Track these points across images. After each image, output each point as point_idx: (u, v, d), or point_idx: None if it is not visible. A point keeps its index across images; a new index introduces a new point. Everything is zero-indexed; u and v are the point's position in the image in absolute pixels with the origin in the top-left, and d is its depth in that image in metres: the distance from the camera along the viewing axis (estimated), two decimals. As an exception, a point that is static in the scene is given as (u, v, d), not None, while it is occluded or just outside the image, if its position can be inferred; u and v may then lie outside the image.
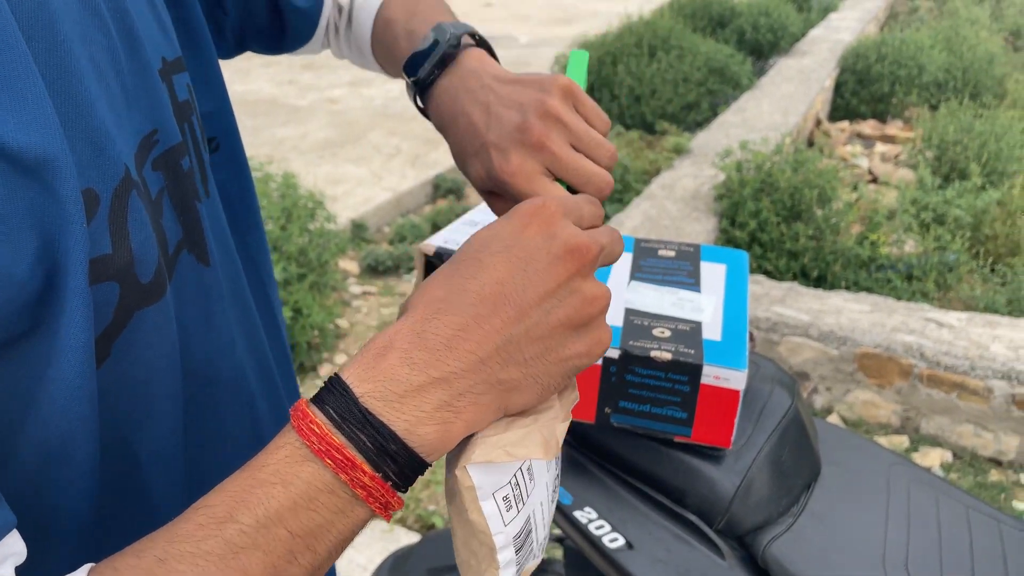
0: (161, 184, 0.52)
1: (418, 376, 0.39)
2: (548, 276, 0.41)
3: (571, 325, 0.42)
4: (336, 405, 0.38)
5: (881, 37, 6.10)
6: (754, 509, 0.78)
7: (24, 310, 0.39)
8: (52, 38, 0.42)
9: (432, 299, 0.41)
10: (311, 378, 2.83)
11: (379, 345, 0.40)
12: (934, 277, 3.18)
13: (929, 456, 2.40)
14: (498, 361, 0.40)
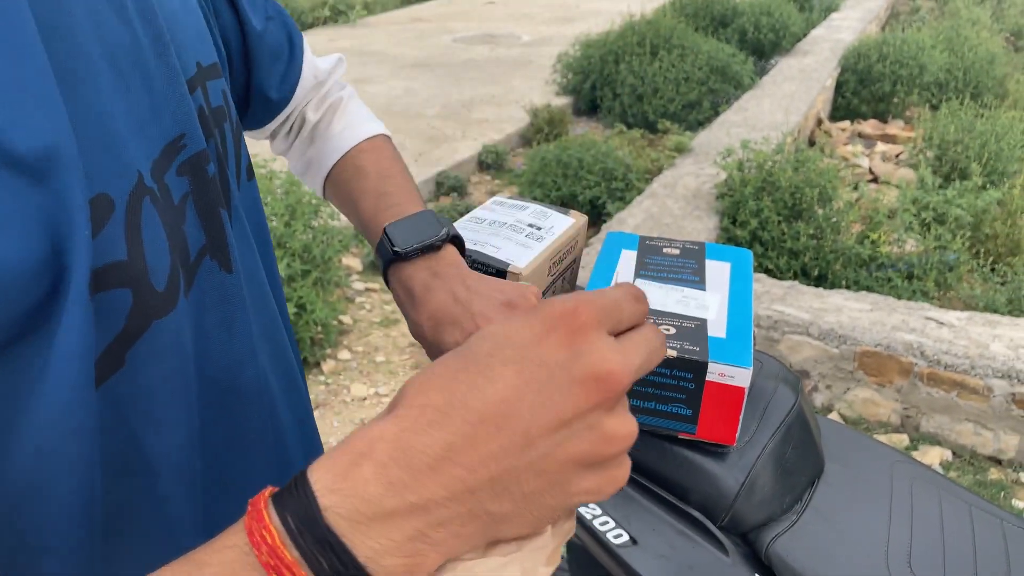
0: (186, 189, 0.52)
1: (393, 499, 0.33)
2: (565, 403, 0.34)
3: (584, 463, 0.35)
4: (296, 512, 0.33)
5: (882, 37, 6.10)
6: (758, 506, 0.79)
7: (26, 313, 0.38)
8: (72, 42, 0.43)
9: (426, 405, 0.34)
10: (314, 374, 2.84)
11: (357, 448, 0.34)
12: (934, 276, 3.19)
13: (929, 454, 2.40)
14: (490, 492, 0.34)
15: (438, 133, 5.10)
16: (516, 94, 6.03)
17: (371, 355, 2.97)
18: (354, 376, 2.85)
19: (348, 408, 2.68)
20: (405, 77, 6.63)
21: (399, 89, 6.26)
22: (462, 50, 7.72)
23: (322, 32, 8.54)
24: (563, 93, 6.04)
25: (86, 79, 0.43)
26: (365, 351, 3.00)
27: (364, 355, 2.97)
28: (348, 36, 8.32)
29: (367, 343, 3.05)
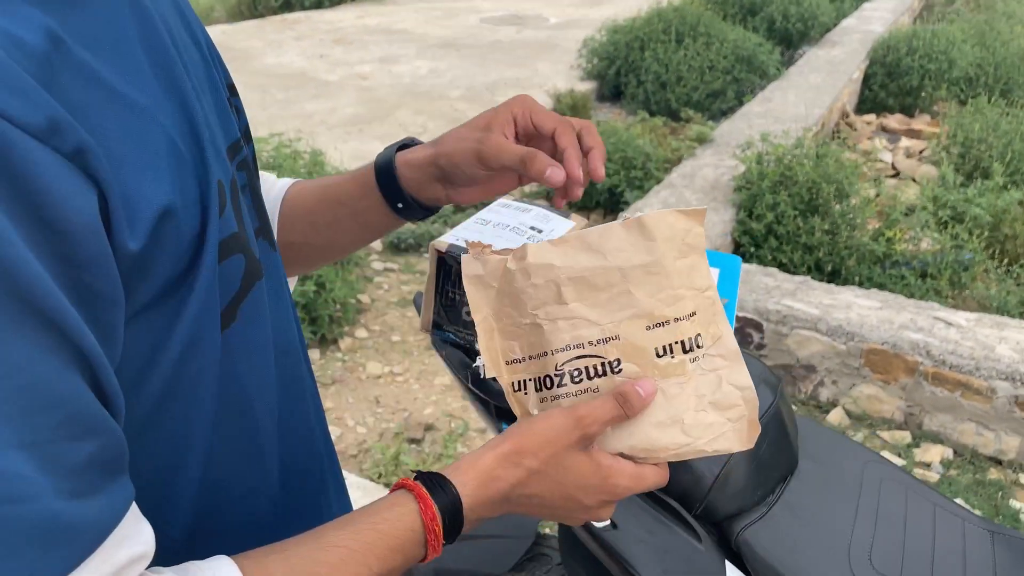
0: (244, 181, 0.63)
1: (487, 517, 0.61)
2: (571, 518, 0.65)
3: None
4: (451, 517, 0.58)
5: (912, 30, 6.04)
6: (731, 498, 0.85)
7: (180, 273, 0.49)
8: (170, 59, 0.53)
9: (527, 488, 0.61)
10: (331, 351, 2.92)
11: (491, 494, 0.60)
12: (948, 276, 3.21)
13: (930, 452, 2.45)
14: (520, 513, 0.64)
15: (461, 116, 5.15)
16: (540, 78, 6.06)
17: (387, 334, 3.05)
18: (370, 354, 2.93)
19: (363, 385, 2.76)
20: (431, 57, 6.67)
21: (424, 69, 6.30)
22: (489, 31, 7.74)
23: (351, 9, 8.59)
24: (587, 78, 6.05)
25: (185, 87, 0.53)
26: (381, 330, 3.08)
27: (380, 334, 3.05)
28: (376, 13, 8.36)
29: (383, 322, 3.12)
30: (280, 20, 7.95)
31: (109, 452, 0.43)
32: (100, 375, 0.43)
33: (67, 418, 0.40)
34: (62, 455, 0.40)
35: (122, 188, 0.44)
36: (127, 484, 0.45)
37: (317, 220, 0.86)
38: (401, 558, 0.56)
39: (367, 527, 0.55)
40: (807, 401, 2.68)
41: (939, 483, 2.36)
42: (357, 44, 7.04)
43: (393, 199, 0.80)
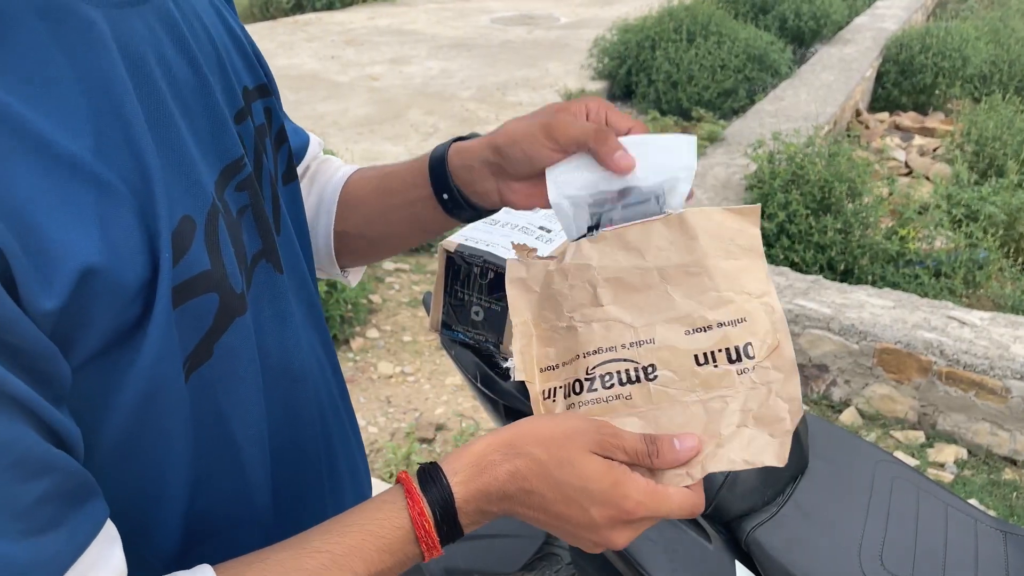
0: (245, 203, 0.61)
1: (488, 514, 0.57)
2: (581, 538, 0.58)
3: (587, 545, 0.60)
4: (443, 512, 0.55)
5: (926, 27, 6.01)
6: (740, 498, 0.84)
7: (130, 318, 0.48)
8: (151, 84, 0.51)
9: (527, 482, 0.56)
10: (343, 351, 2.93)
11: (484, 483, 0.56)
12: (963, 274, 3.19)
13: (944, 452, 2.43)
14: (528, 520, 0.59)
15: (472, 116, 5.16)
16: (551, 78, 6.06)
17: (398, 334, 3.06)
18: (381, 354, 2.94)
19: (375, 385, 2.77)
20: (442, 57, 6.68)
21: (435, 70, 6.32)
22: (500, 31, 7.74)
23: (362, 10, 8.61)
24: (598, 78, 6.05)
25: (165, 115, 0.51)
26: (393, 330, 3.08)
27: (392, 334, 3.06)
28: (387, 14, 8.38)
29: (395, 322, 3.13)
30: (292, 22, 7.98)
31: (67, 484, 0.43)
32: (43, 415, 0.43)
33: (12, 463, 0.40)
34: (10, 498, 0.40)
35: (35, 246, 0.42)
36: (95, 511, 0.45)
37: (370, 211, 0.82)
38: (392, 559, 0.54)
39: (355, 528, 0.53)
40: (819, 401, 2.67)
41: (953, 483, 2.35)
42: (368, 45, 7.06)
43: (440, 190, 0.75)
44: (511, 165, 0.69)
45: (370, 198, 0.82)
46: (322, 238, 0.85)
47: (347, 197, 0.84)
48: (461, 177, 0.74)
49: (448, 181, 0.75)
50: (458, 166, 0.74)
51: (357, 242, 0.84)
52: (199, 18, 0.60)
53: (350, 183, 0.85)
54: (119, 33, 0.49)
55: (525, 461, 0.55)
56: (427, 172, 0.76)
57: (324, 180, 0.86)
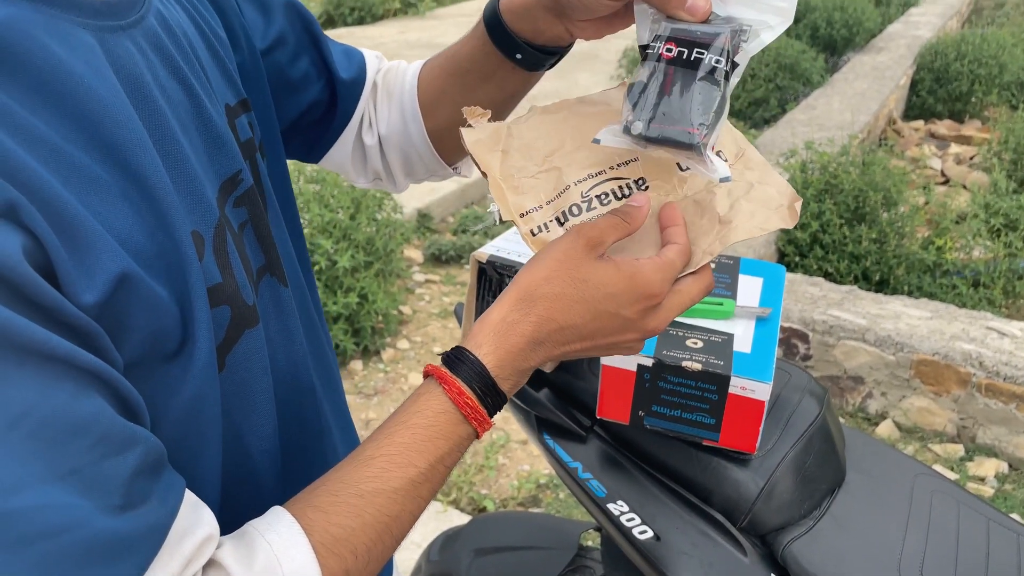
0: (244, 217, 0.61)
1: (525, 371, 0.58)
2: (625, 336, 0.59)
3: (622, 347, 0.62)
4: (481, 385, 0.55)
5: (961, 34, 5.92)
6: (776, 510, 0.83)
7: (172, 334, 0.49)
8: (152, 104, 0.52)
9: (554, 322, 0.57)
10: (374, 362, 2.95)
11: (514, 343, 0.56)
12: (1002, 285, 3.12)
13: (984, 466, 2.38)
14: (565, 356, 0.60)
15: (502, 127, 5.17)
16: (580, 89, 6.06)
17: (428, 345, 3.07)
18: (412, 365, 2.95)
19: (405, 395, 2.78)
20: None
21: (466, 82, 6.35)
22: (530, 43, 7.77)
23: (393, 24, 8.70)
24: (628, 88, 6.03)
25: (167, 133, 0.52)
26: (423, 341, 3.09)
27: (422, 345, 3.07)
28: (417, 28, 8.45)
29: (425, 333, 3.14)
30: (324, 36, 8.10)
31: (151, 457, 0.45)
32: (117, 386, 0.44)
33: (99, 438, 0.42)
34: (105, 474, 0.41)
35: (74, 241, 0.43)
36: (174, 478, 0.47)
37: (454, 98, 0.79)
38: (447, 443, 0.54)
39: (399, 428, 0.54)
40: (855, 413, 2.63)
41: (994, 497, 2.29)
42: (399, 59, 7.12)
43: (510, 51, 0.72)
44: (574, 13, 0.67)
45: (448, 86, 0.80)
46: (420, 144, 0.83)
47: (425, 96, 0.82)
48: (525, 31, 0.71)
49: (514, 41, 0.71)
50: (517, 21, 0.71)
51: (455, 133, 0.81)
52: (184, 34, 0.60)
53: (422, 82, 0.82)
54: (114, 56, 0.50)
55: (544, 304, 0.56)
56: (489, 38, 0.73)
57: (398, 90, 0.84)
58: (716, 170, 0.59)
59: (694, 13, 0.58)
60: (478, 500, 2.26)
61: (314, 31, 0.80)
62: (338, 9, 8.60)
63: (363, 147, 0.86)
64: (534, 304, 0.56)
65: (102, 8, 0.51)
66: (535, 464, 2.42)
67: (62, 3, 0.48)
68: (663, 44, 0.58)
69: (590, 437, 0.94)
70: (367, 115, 0.85)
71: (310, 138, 0.84)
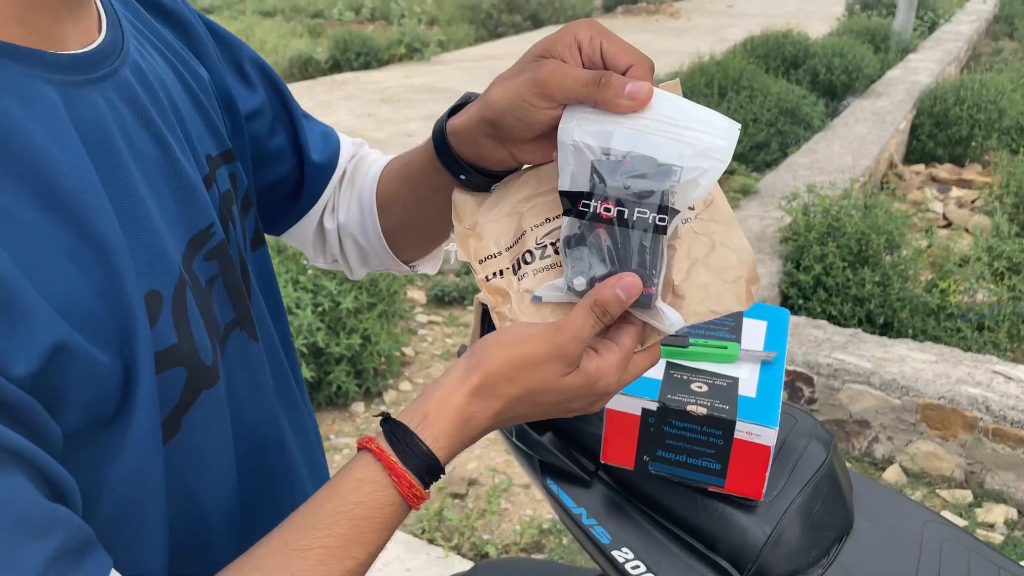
0: (214, 272, 0.60)
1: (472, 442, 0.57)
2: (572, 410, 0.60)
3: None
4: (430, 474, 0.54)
5: (960, 80, 5.99)
6: (783, 558, 0.82)
7: (110, 400, 0.48)
8: (116, 159, 0.51)
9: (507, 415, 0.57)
10: (376, 403, 2.93)
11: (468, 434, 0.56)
12: (1007, 328, 3.11)
13: (993, 512, 2.34)
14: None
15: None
16: (584, 132, 6.12)
17: (432, 387, 3.05)
18: (415, 407, 2.93)
19: (408, 439, 2.76)
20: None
21: (470, 126, 6.42)
22: (533, 88, 7.87)
23: (398, 69, 8.83)
24: (631, 132, 6.09)
25: (129, 189, 0.51)
26: (425, 383, 3.08)
27: (424, 386, 3.06)
28: (423, 73, 8.58)
29: (428, 375, 3.13)
30: (330, 81, 8.20)
31: (74, 540, 0.43)
32: (43, 467, 0.42)
33: (16, 520, 0.40)
34: (21, 558, 0.39)
35: (8, 310, 0.42)
36: (100, 559, 0.45)
37: (405, 203, 0.79)
38: (388, 532, 0.53)
39: (339, 517, 0.51)
40: (862, 458, 2.60)
41: (1003, 544, 2.26)
42: (404, 103, 7.21)
43: (456, 171, 0.68)
44: (510, 133, 0.62)
45: (402, 191, 0.79)
46: (374, 239, 0.83)
47: (382, 194, 0.81)
48: (470, 155, 0.67)
49: (459, 162, 0.68)
50: (460, 145, 0.67)
51: (407, 234, 0.81)
52: (163, 85, 0.60)
53: (382, 179, 0.82)
54: (78, 111, 0.50)
55: (502, 402, 0.56)
56: (436, 159, 0.70)
57: (360, 183, 0.84)
58: (669, 321, 0.57)
59: (636, 99, 0.55)
60: (480, 546, 2.23)
61: (291, 109, 0.80)
62: (344, 54, 8.73)
63: (323, 231, 0.86)
64: (494, 400, 0.56)
65: (68, 62, 0.50)
66: (538, 509, 2.39)
67: (26, 59, 0.47)
68: (600, 204, 0.56)
69: (594, 482, 0.93)
70: (332, 200, 0.85)
71: (274, 212, 0.84)
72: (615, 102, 0.55)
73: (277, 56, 9.18)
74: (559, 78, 0.57)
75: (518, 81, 0.59)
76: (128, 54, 0.56)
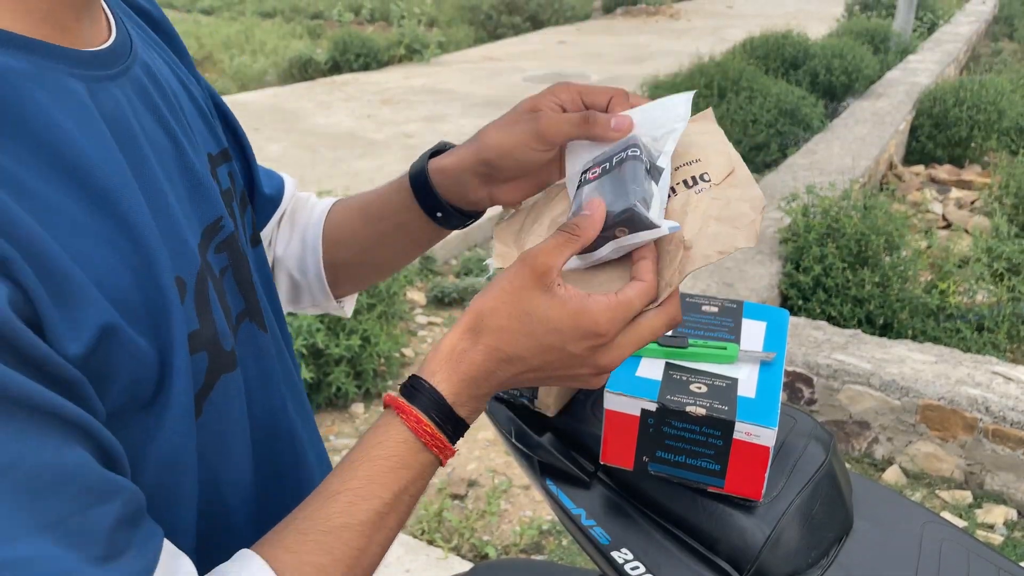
0: (225, 263, 0.62)
1: (482, 396, 0.58)
2: (575, 371, 0.59)
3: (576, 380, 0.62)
4: (439, 413, 0.56)
5: (959, 81, 6.00)
6: (783, 559, 0.82)
7: (149, 382, 0.50)
8: (139, 151, 0.53)
9: (502, 352, 0.57)
10: (376, 404, 2.93)
11: (465, 371, 0.57)
12: (1006, 329, 3.11)
13: (993, 513, 2.34)
14: (522, 384, 0.61)
15: (506, 171, 5.22)
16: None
17: (432, 388, 3.05)
18: (414, 408, 2.93)
19: (407, 440, 2.76)
20: (475, 115, 6.79)
21: (469, 127, 6.42)
22: (532, 89, 7.86)
23: (398, 70, 8.83)
24: (630, 133, 6.09)
25: (153, 181, 0.54)
26: (426, 384, 3.08)
27: (425, 388, 3.06)
28: (422, 74, 8.58)
29: (428, 376, 3.13)
30: (329, 82, 8.20)
31: (131, 507, 0.45)
32: (101, 439, 0.44)
33: (83, 489, 0.42)
34: (88, 524, 0.42)
35: (60, 292, 0.44)
36: (153, 528, 0.47)
37: (363, 240, 0.83)
38: (409, 473, 0.55)
39: (361, 461, 0.54)
40: (861, 459, 2.60)
41: (1003, 545, 2.26)
42: (403, 104, 7.21)
43: (431, 209, 0.76)
44: (504, 173, 0.71)
45: (359, 228, 0.83)
46: (313, 276, 0.86)
47: (333, 232, 0.85)
48: (450, 192, 0.74)
49: (438, 199, 0.75)
50: (445, 183, 0.74)
51: (354, 271, 0.86)
52: (168, 84, 0.62)
53: (332, 218, 0.85)
54: (103, 104, 0.52)
55: (490, 335, 0.57)
56: (412, 196, 0.76)
57: (304, 221, 0.87)
58: (659, 226, 0.59)
59: (620, 129, 0.65)
60: (480, 547, 2.23)
61: (245, 142, 0.82)
62: (344, 55, 8.74)
63: None
64: (481, 334, 0.57)
65: (90, 58, 0.52)
66: (538, 510, 2.39)
67: (54, 54, 0.49)
68: (589, 172, 0.64)
69: (594, 483, 0.93)
70: (272, 235, 0.88)
71: None
72: (606, 135, 0.65)
73: (277, 57, 9.18)
74: (555, 124, 0.67)
75: (518, 129, 0.68)
76: (137, 53, 0.59)
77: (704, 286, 3.07)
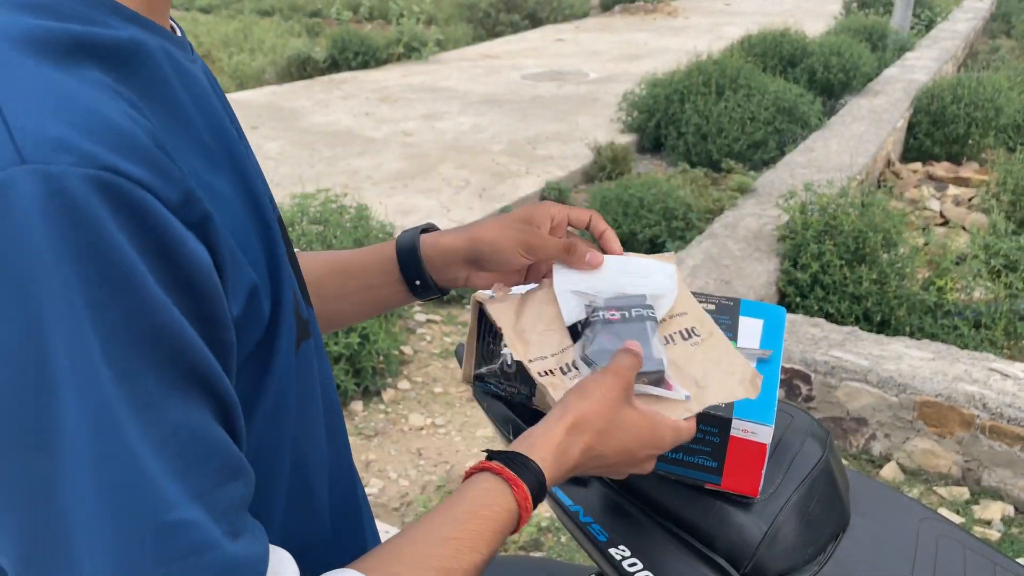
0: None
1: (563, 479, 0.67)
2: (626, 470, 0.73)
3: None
4: (538, 492, 0.63)
5: (957, 78, 6.00)
6: (780, 556, 0.82)
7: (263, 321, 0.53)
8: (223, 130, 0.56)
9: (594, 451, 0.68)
10: (375, 403, 2.93)
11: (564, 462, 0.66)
12: (1003, 326, 3.12)
13: (990, 509, 2.35)
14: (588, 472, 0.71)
15: (503, 169, 5.22)
16: (581, 131, 6.12)
17: (429, 386, 3.06)
18: (412, 406, 2.94)
19: (406, 437, 2.76)
20: (474, 113, 6.79)
21: (467, 125, 6.42)
22: (530, 87, 7.87)
23: (396, 68, 8.82)
24: (627, 131, 6.10)
25: (243, 158, 0.57)
26: (424, 382, 3.08)
27: (423, 385, 3.06)
28: (421, 72, 8.58)
29: (426, 374, 3.13)
30: (327, 80, 8.19)
31: (250, 488, 0.47)
32: (233, 418, 0.46)
33: (221, 464, 0.44)
34: (222, 500, 0.43)
35: (232, 256, 0.47)
36: (254, 520, 0.48)
37: (324, 291, 0.86)
38: (502, 537, 0.61)
39: (470, 517, 0.59)
40: (859, 455, 2.61)
41: (1000, 542, 2.26)
42: (402, 102, 7.21)
43: (412, 278, 0.84)
44: (487, 264, 0.82)
45: (323, 279, 0.87)
46: None
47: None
48: (435, 267, 0.84)
49: (422, 270, 0.84)
50: (434, 258, 0.84)
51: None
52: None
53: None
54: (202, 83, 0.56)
55: (590, 436, 0.67)
56: (395, 262, 0.84)
57: None
58: (679, 392, 0.74)
59: (593, 264, 0.79)
60: (478, 544, 2.24)
61: None
62: (342, 53, 8.73)
63: None
64: (583, 434, 0.67)
65: (181, 42, 0.56)
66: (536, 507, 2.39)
67: (163, 34, 0.53)
68: (606, 312, 0.76)
69: (592, 480, 0.93)
70: None
71: None
72: (580, 264, 0.79)
73: (275, 55, 9.17)
74: (542, 244, 0.79)
75: (511, 234, 0.80)
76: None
77: (702, 283, 3.07)
